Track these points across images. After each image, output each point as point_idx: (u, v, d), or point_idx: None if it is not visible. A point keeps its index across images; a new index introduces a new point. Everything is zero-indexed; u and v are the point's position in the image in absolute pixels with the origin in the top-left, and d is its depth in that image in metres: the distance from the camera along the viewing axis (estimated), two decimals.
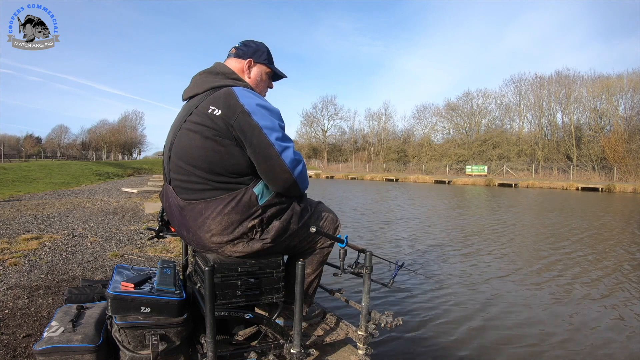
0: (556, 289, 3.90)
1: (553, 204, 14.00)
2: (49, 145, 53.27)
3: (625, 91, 31.85)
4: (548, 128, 37.56)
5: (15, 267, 3.30)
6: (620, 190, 22.11)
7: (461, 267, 4.66)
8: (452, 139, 43.55)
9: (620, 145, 28.80)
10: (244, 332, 1.47)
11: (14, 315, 2.31)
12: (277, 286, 1.40)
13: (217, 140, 1.27)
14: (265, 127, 1.29)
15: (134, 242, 4.53)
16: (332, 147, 54.72)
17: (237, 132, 1.27)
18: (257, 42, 1.58)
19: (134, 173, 26.59)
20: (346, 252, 1.49)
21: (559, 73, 36.97)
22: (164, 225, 1.71)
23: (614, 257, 5.33)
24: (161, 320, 1.28)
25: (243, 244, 1.33)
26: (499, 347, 2.67)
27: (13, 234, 4.63)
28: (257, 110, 1.30)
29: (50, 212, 6.73)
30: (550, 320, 3.11)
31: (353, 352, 1.55)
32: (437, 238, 6.60)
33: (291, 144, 1.37)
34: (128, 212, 7.14)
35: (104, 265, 3.49)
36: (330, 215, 1.59)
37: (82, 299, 1.66)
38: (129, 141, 59.63)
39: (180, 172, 1.34)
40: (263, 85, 1.58)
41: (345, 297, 1.80)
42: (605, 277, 4.31)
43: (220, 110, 1.28)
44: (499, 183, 27.42)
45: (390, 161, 44.88)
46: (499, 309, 3.34)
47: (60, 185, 13.69)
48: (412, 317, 3.09)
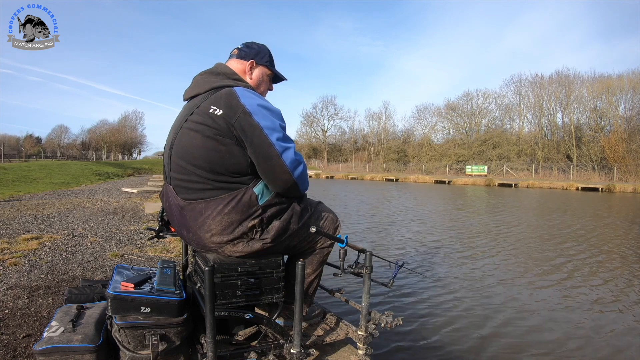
0: (560, 289, 3.90)
1: (554, 204, 14.00)
2: (49, 145, 53.28)
3: (625, 91, 31.88)
4: (548, 128, 37.59)
5: (15, 267, 3.30)
6: (620, 190, 22.11)
7: (461, 267, 4.66)
8: (452, 139, 43.55)
9: (620, 145, 28.81)
10: (244, 332, 1.47)
11: (14, 315, 2.31)
12: (277, 286, 1.40)
13: (218, 140, 1.27)
14: (266, 128, 1.29)
15: (134, 242, 4.53)
16: (332, 147, 54.72)
17: (238, 132, 1.27)
18: (259, 44, 1.59)
19: (134, 173, 26.59)
20: (346, 252, 1.49)
21: (559, 73, 37.06)
22: (164, 225, 1.71)
23: (622, 257, 5.32)
24: (161, 320, 1.28)
25: (243, 244, 1.33)
26: (500, 347, 2.67)
27: (13, 234, 4.63)
28: (259, 111, 1.30)
29: (50, 212, 6.73)
30: (551, 320, 3.11)
31: (353, 352, 1.55)
32: (437, 238, 6.60)
33: (292, 144, 1.37)
34: (128, 212, 7.14)
35: (104, 265, 3.49)
36: (330, 215, 1.59)
37: (82, 299, 1.66)
38: (129, 141, 59.64)
39: (181, 171, 1.34)
40: (264, 87, 1.59)
41: (345, 297, 1.80)
42: (616, 278, 4.29)
43: (221, 110, 1.28)
44: (499, 183, 27.41)
45: (390, 161, 44.88)
46: (499, 309, 3.34)
47: (60, 185, 13.69)
48: (412, 317, 3.09)
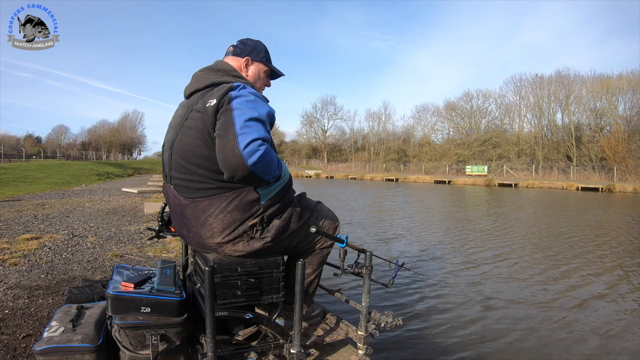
0: (560, 289, 3.90)
1: (555, 204, 14.00)
2: (49, 145, 53.33)
3: (625, 91, 31.87)
4: (548, 128, 37.59)
5: (15, 267, 3.30)
6: (620, 190, 22.12)
7: (461, 267, 4.66)
8: (452, 139, 43.56)
9: (620, 145, 28.81)
10: (244, 332, 1.47)
11: (14, 315, 2.31)
12: (277, 286, 1.40)
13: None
14: (237, 109, 1.22)
15: (134, 242, 4.53)
16: (332, 147, 54.73)
17: (219, 117, 1.24)
18: (254, 41, 1.58)
19: (134, 173, 26.58)
20: (346, 252, 1.49)
21: (559, 73, 37.09)
22: (164, 225, 1.71)
23: (624, 254, 5.32)
24: (161, 320, 1.28)
25: (243, 243, 1.32)
26: (500, 346, 2.67)
27: (13, 234, 4.63)
28: (243, 99, 1.27)
29: (50, 212, 6.73)
30: (552, 320, 3.11)
31: (353, 352, 1.55)
32: (437, 238, 6.60)
33: (261, 132, 1.21)
34: (128, 212, 7.14)
35: (104, 265, 3.48)
36: (330, 215, 1.59)
37: (82, 299, 1.65)
38: (129, 141, 59.65)
39: (182, 170, 1.33)
40: (261, 83, 1.59)
41: (345, 297, 1.80)
42: (616, 277, 4.30)
43: (214, 100, 1.27)
44: (499, 183, 27.40)
45: (390, 161, 44.87)
46: (499, 308, 3.34)
47: (60, 185, 13.69)
48: (412, 317, 3.09)
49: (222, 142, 1.19)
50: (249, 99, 1.27)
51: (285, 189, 1.40)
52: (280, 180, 1.36)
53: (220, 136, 1.20)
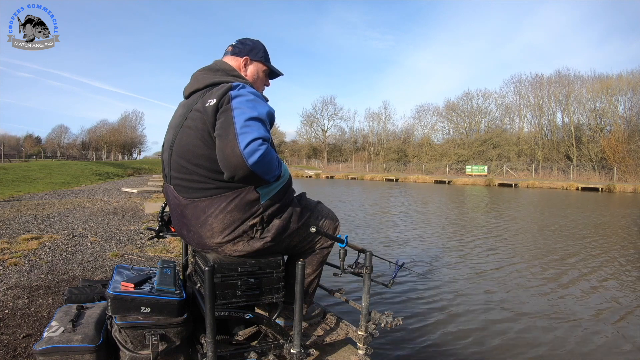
0: (561, 289, 3.90)
1: (555, 204, 14.00)
2: (49, 145, 53.33)
3: (625, 91, 31.87)
4: (548, 128, 37.59)
5: (15, 267, 3.30)
6: (620, 190, 22.12)
7: (462, 267, 4.66)
8: (452, 139, 43.56)
9: (620, 145, 28.81)
10: (244, 332, 1.47)
11: (14, 315, 2.31)
12: (277, 286, 1.40)
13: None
14: (236, 108, 1.22)
15: (134, 242, 4.53)
16: (332, 147, 54.72)
17: (219, 117, 1.25)
18: (253, 40, 1.58)
19: (134, 173, 26.58)
20: (346, 252, 1.49)
21: (559, 73, 37.08)
22: (164, 225, 1.71)
23: (623, 258, 5.32)
24: (161, 320, 1.28)
25: (243, 243, 1.32)
26: (500, 346, 2.67)
27: (13, 234, 4.63)
28: (242, 98, 1.27)
29: (50, 212, 6.73)
30: (552, 320, 3.11)
31: (353, 352, 1.55)
32: (438, 238, 6.60)
33: (261, 132, 1.21)
34: (128, 212, 7.13)
35: (104, 265, 3.48)
36: (330, 215, 1.59)
37: (82, 299, 1.65)
38: (129, 141, 59.65)
39: (182, 170, 1.33)
40: (260, 83, 1.59)
41: (345, 297, 1.80)
42: (616, 279, 4.30)
43: (214, 100, 1.27)
44: (499, 183, 27.40)
45: (390, 161, 44.86)
46: (500, 308, 3.34)
47: (60, 185, 13.69)
48: (412, 317, 3.09)
49: (222, 141, 1.19)
50: (248, 98, 1.27)
51: (285, 188, 1.40)
52: (280, 179, 1.36)
53: (220, 136, 1.20)
